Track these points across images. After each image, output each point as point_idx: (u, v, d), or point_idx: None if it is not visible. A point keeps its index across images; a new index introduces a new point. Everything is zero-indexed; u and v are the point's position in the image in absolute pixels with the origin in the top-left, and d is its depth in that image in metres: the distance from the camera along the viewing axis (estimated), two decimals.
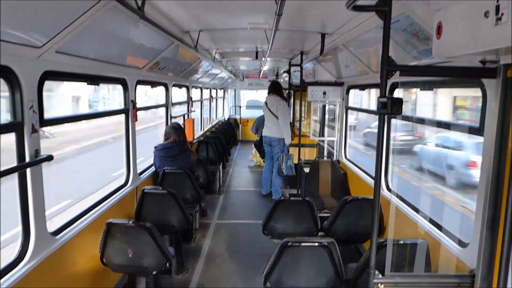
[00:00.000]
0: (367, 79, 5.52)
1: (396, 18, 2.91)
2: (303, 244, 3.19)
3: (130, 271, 3.90)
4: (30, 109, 2.72)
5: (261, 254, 5.49)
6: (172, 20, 4.48)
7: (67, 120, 3.95)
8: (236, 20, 4.71)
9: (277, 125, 7.83)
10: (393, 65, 2.28)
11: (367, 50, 4.65)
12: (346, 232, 4.39)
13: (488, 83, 2.58)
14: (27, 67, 2.68)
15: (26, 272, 2.73)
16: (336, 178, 6.45)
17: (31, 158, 2.75)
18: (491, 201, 2.37)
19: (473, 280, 2.54)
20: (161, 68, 5.62)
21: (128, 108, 4.82)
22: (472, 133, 2.89)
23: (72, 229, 3.46)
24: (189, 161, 5.71)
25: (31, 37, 2.55)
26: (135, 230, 3.58)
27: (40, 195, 2.90)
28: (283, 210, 4.46)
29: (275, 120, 7.84)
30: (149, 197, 4.62)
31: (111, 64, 4.08)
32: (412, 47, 3.20)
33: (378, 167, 2.45)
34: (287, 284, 3.32)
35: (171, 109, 6.99)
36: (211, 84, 12.68)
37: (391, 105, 2.22)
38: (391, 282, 2.56)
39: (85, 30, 2.90)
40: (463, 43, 2.01)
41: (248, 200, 8.53)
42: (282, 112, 7.77)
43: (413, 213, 3.88)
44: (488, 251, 2.41)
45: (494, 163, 2.34)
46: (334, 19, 4.29)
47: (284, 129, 7.75)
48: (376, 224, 2.47)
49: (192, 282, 4.80)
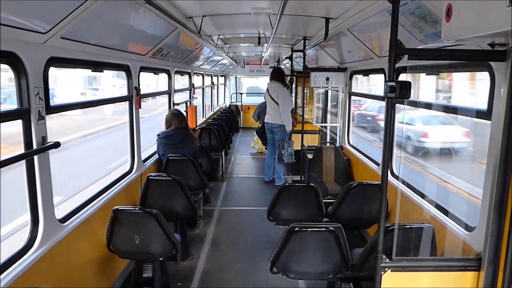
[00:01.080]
0: (371, 64, 5.48)
1: (404, 1, 2.88)
2: (309, 230, 3.20)
3: (137, 258, 3.93)
4: (36, 96, 2.71)
5: (265, 240, 5.53)
6: (176, 5, 4.44)
7: (73, 107, 3.93)
8: (240, 5, 4.66)
9: (278, 111, 7.81)
10: (401, 48, 2.27)
11: (371, 35, 4.60)
12: (351, 218, 4.41)
13: (497, 66, 2.56)
14: (33, 53, 2.66)
15: (35, 259, 2.75)
16: (339, 164, 6.46)
17: (38, 145, 2.75)
18: (499, 185, 2.37)
19: (480, 264, 2.55)
20: (164, 54, 5.59)
21: (132, 95, 4.81)
22: (480, 117, 2.87)
23: (80, 216, 3.47)
24: (192, 147, 5.72)
25: (36, 24, 2.53)
26: (142, 216, 3.59)
27: (48, 182, 2.91)
28: (288, 196, 4.48)
29: (276, 107, 7.82)
30: (154, 184, 4.63)
31: (114, 51, 4.05)
32: (419, 31, 3.16)
33: (385, 152, 2.45)
34: (293, 269, 3.35)
35: (173, 96, 6.97)
36: (213, 71, 12.62)
37: (400, 89, 2.21)
38: (398, 266, 2.57)
39: (90, 16, 2.87)
40: (474, 25, 1.99)
41: (251, 187, 8.56)
42: (283, 99, 7.74)
43: (419, 198, 3.89)
44: (495, 234, 2.41)
45: (502, 146, 2.33)
46: (339, 3, 4.24)
47: (285, 115, 7.73)
48: (384, 209, 2.48)
49: (197, 268, 4.85)
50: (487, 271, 2.49)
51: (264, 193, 7.81)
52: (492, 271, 2.47)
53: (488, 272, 2.49)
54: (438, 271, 2.64)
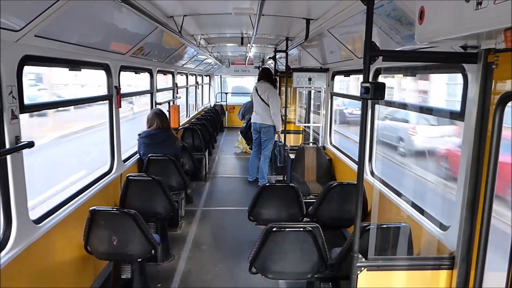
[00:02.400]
0: (352, 65, 5.53)
1: (379, 3, 2.91)
2: (287, 229, 3.21)
3: (115, 259, 3.88)
4: (9, 95, 2.66)
5: (247, 240, 5.52)
6: (156, 5, 4.41)
7: (49, 106, 3.88)
8: (221, 4, 4.65)
9: (267, 112, 7.82)
10: (376, 50, 2.29)
11: (352, 36, 4.64)
12: (331, 217, 4.44)
13: (469, 68, 2.61)
14: (5, 52, 2.61)
15: (8, 260, 2.70)
16: (321, 164, 6.50)
17: (11, 144, 2.70)
18: (471, 185, 2.42)
19: (453, 262, 2.60)
20: (145, 53, 5.54)
21: (111, 94, 4.76)
22: (453, 118, 2.92)
23: (55, 217, 3.41)
24: (174, 147, 5.69)
25: (9, 20, 2.48)
26: (119, 217, 3.56)
27: (22, 183, 2.86)
28: (269, 196, 4.48)
29: (266, 107, 7.82)
30: (134, 184, 4.59)
31: (93, 49, 4.00)
32: (396, 33, 3.20)
33: (361, 152, 2.47)
34: (272, 269, 3.35)
35: (156, 95, 6.92)
36: (197, 70, 12.56)
37: (374, 90, 2.23)
38: (374, 265, 2.60)
39: (66, 13, 2.83)
40: (445, 27, 2.02)
41: (234, 186, 8.55)
42: (274, 100, 7.75)
43: (396, 197, 3.93)
44: (468, 232, 2.46)
45: (474, 147, 2.38)
46: (319, 4, 4.27)
47: (276, 116, 7.75)
48: (360, 209, 2.50)
49: (178, 269, 4.82)
50: (460, 269, 2.53)
51: (247, 193, 7.80)
52: (465, 269, 2.52)
53: (461, 271, 2.54)
54: (413, 269, 2.68)
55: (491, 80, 2.23)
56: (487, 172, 2.28)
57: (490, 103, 2.26)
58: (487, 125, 2.28)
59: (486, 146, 2.30)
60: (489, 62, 2.23)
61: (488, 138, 2.27)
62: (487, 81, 2.26)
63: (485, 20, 1.68)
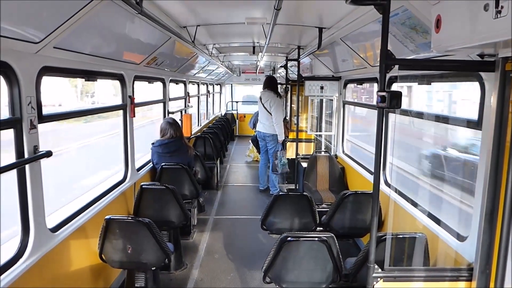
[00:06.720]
0: (364, 73, 5.52)
1: (394, 11, 2.90)
2: (302, 239, 3.20)
3: (129, 267, 3.90)
4: (28, 105, 2.70)
5: (259, 249, 5.51)
6: (170, 15, 4.46)
7: (66, 116, 3.92)
8: (234, 14, 4.68)
9: (270, 121, 7.85)
10: (392, 58, 2.28)
11: (365, 44, 4.64)
12: (344, 227, 4.41)
13: (487, 77, 2.58)
14: (25, 63, 2.66)
15: (25, 268, 2.73)
16: (333, 173, 6.46)
17: (29, 154, 2.74)
18: (490, 195, 2.38)
19: (472, 274, 2.56)
20: (158, 63, 5.60)
21: (126, 103, 4.81)
22: (471, 127, 2.89)
23: (71, 225, 3.45)
24: (187, 156, 5.71)
25: (29, 33, 2.53)
26: (134, 226, 3.58)
27: (39, 192, 2.89)
28: (282, 205, 4.47)
29: (269, 116, 7.84)
30: (147, 193, 4.62)
31: (108, 60, 4.05)
32: (410, 41, 3.19)
33: (377, 161, 2.46)
34: (286, 279, 3.33)
35: (168, 104, 6.97)
36: (208, 79, 12.64)
37: (390, 99, 2.23)
38: (390, 276, 2.57)
39: (83, 25, 2.88)
40: (462, 36, 2.01)
41: (246, 195, 8.54)
42: (276, 108, 7.77)
43: (412, 207, 3.89)
44: (487, 244, 2.42)
45: (492, 156, 2.35)
46: (332, 13, 4.28)
47: (278, 125, 7.77)
48: (376, 218, 2.48)
49: (190, 277, 4.82)
50: (479, 281, 2.49)
51: (259, 202, 7.80)
52: (484, 281, 2.47)
53: (480, 282, 2.49)
54: (430, 281, 2.64)
55: (510, 88, 2.21)
56: (506, 181, 2.24)
57: (508, 112, 2.23)
58: (505, 134, 2.25)
59: (505, 155, 2.26)
60: (507, 70, 2.20)
61: (507, 147, 2.24)
62: (505, 89, 2.24)
63: (504, 28, 1.67)
